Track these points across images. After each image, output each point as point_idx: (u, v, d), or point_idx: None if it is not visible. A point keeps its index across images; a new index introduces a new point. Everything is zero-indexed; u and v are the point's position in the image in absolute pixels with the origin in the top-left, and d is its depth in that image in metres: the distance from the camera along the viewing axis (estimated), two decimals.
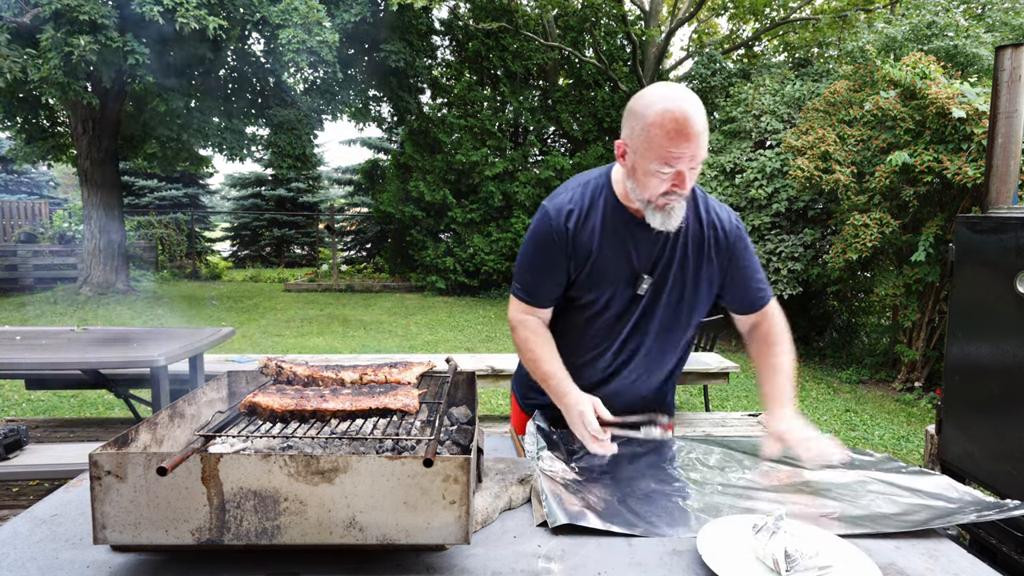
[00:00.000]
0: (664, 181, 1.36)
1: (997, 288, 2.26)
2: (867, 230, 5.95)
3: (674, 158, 1.32)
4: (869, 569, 1.00)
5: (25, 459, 2.79)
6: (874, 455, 1.54)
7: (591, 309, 1.55)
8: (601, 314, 1.55)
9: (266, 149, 13.20)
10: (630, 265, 1.50)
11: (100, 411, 5.21)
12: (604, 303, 1.53)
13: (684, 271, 1.53)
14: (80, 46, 7.89)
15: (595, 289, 1.52)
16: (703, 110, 1.35)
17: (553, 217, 1.51)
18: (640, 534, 1.14)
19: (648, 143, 1.33)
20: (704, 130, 1.33)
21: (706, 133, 1.34)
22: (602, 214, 1.50)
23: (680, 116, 1.29)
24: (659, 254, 1.51)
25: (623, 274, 1.51)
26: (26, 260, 12.42)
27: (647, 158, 1.35)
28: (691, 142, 1.31)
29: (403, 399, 1.20)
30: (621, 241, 1.49)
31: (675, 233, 1.49)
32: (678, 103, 1.30)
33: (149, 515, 0.92)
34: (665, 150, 1.31)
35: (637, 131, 1.35)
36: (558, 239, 1.50)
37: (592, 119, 14.60)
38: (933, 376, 6.49)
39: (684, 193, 1.38)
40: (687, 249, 1.53)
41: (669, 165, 1.33)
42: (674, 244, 1.51)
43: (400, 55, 11.89)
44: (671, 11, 14.14)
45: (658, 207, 1.40)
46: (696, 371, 4.26)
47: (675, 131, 1.29)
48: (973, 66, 6.77)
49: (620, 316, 1.55)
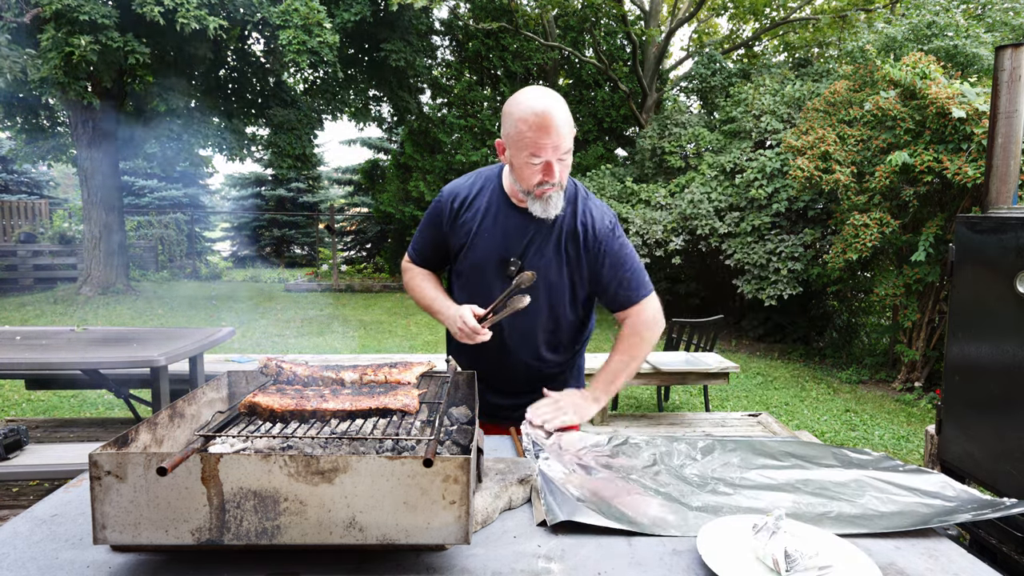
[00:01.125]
0: (536, 171, 1.56)
1: (997, 288, 2.26)
2: (867, 230, 5.95)
3: (540, 148, 1.52)
4: (869, 569, 1.00)
5: (25, 459, 2.79)
6: (872, 454, 1.54)
7: (472, 282, 1.77)
8: (479, 287, 1.75)
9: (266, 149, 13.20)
10: (503, 248, 1.70)
11: (100, 411, 5.21)
12: (480, 278, 1.74)
13: (551, 261, 1.70)
14: (81, 46, 7.89)
15: (474, 265, 1.74)
16: (565, 108, 1.55)
17: (444, 198, 1.79)
18: (640, 532, 1.14)
19: (518, 138, 1.54)
20: (565, 124, 1.52)
21: (568, 127, 1.53)
22: (487, 201, 1.73)
23: (541, 111, 1.49)
24: (529, 242, 1.69)
25: (496, 255, 1.71)
26: (26, 260, 12.42)
27: (519, 151, 1.55)
28: (551, 134, 1.50)
29: (403, 399, 1.20)
30: (499, 226, 1.70)
31: (549, 226, 1.68)
32: (540, 100, 1.51)
33: (149, 515, 0.92)
34: (532, 142, 1.52)
35: (509, 128, 1.56)
36: (442, 215, 1.78)
37: (592, 119, 14.60)
38: (933, 376, 6.49)
39: (555, 182, 1.57)
40: (559, 242, 1.70)
41: (537, 156, 1.53)
42: (546, 235, 1.69)
43: (400, 55, 11.90)
44: (671, 11, 14.14)
45: (537, 196, 1.60)
46: (696, 371, 4.26)
47: (537, 125, 1.50)
48: (973, 66, 6.76)
49: (494, 283, 1.74)
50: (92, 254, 11.05)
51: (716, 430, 4.27)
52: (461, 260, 1.78)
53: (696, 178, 9.32)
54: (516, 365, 1.82)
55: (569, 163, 1.60)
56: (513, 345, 1.79)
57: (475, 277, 1.76)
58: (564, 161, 1.57)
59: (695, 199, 8.81)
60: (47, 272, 12.50)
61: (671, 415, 4.75)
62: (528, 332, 1.78)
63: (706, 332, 5.30)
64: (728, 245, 8.50)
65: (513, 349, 1.79)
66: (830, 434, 5.13)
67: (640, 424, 4.50)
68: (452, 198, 1.77)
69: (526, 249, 1.70)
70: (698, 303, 10.75)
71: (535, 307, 1.69)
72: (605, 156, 13.70)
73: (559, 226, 1.70)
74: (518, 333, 1.77)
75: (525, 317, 1.69)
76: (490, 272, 1.73)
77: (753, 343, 9.17)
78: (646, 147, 10.76)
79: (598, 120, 14.58)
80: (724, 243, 8.59)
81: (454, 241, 1.78)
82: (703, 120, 10.98)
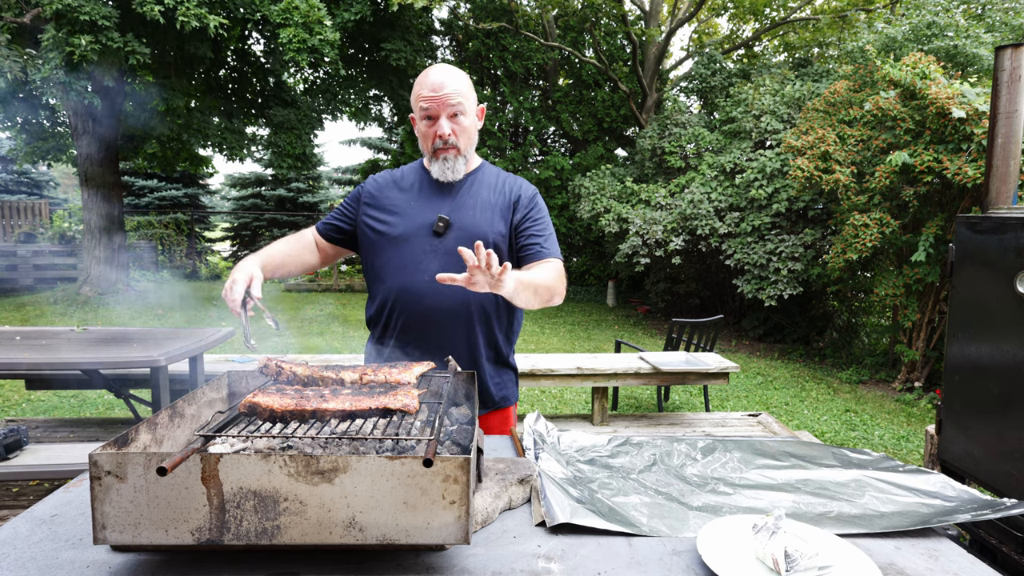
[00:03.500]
0: (430, 132, 1.68)
1: (997, 288, 2.26)
2: (867, 230, 5.96)
3: (431, 107, 1.65)
4: (869, 569, 1.00)
5: (25, 459, 2.80)
6: (872, 454, 1.54)
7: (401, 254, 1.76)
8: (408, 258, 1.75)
9: (266, 149, 13.20)
10: (429, 212, 1.75)
11: (100, 411, 5.21)
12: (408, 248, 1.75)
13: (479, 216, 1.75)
14: (81, 46, 7.89)
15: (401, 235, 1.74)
16: (461, 77, 1.69)
17: (367, 181, 1.89)
18: (640, 533, 1.14)
19: (415, 101, 1.69)
20: (455, 86, 1.65)
21: (459, 90, 1.66)
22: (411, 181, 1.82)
23: (434, 75, 1.65)
24: (455, 202, 1.76)
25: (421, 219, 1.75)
26: (26, 260, 12.42)
27: (417, 115, 1.71)
28: (439, 93, 1.64)
29: (403, 399, 1.20)
30: (424, 196, 1.78)
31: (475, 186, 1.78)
32: (437, 68, 1.67)
33: (149, 515, 0.92)
34: (422, 99, 1.66)
35: (412, 98, 1.71)
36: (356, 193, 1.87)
37: (592, 119, 14.60)
38: (933, 376, 6.49)
39: (449, 142, 1.68)
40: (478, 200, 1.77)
41: (428, 117, 1.67)
42: (473, 194, 1.78)
43: (401, 54, 11.90)
44: (671, 11, 14.14)
45: (435, 158, 1.72)
46: (696, 371, 4.26)
47: (429, 86, 1.65)
48: (973, 66, 6.77)
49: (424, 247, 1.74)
50: (92, 254, 11.05)
51: (716, 430, 4.28)
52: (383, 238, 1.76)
53: (696, 178, 9.32)
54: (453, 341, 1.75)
55: (468, 129, 1.71)
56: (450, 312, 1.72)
57: (400, 248, 1.74)
58: (457, 120, 1.68)
59: (695, 199, 8.81)
60: (47, 272, 12.50)
61: (671, 415, 4.76)
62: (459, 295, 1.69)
63: (706, 332, 5.30)
64: (728, 245, 8.50)
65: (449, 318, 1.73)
66: (830, 434, 5.13)
67: (640, 424, 4.50)
68: (371, 181, 1.88)
69: (456, 208, 1.75)
70: (698, 303, 10.75)
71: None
72: (605, 156, 13.70)
73: (488, 181, 1.81)
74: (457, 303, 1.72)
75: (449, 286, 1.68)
76: (418, 237, 1.73)
77: (753, 343, 9.17)
78: (646, 147, 10.76)
79: (598, 120, 14.58)
80: (724, 243, 8.59)
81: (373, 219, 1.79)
82: (703, 120, 10.98)
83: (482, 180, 1.81)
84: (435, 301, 1.69)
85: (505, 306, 1.81)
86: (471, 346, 1.77)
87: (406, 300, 1.72)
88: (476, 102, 1.75)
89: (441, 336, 1.73)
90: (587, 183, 10.79)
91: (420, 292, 1.69)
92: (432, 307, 1.70)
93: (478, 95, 11.26)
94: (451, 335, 1.73)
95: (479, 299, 1.73)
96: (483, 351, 1.79)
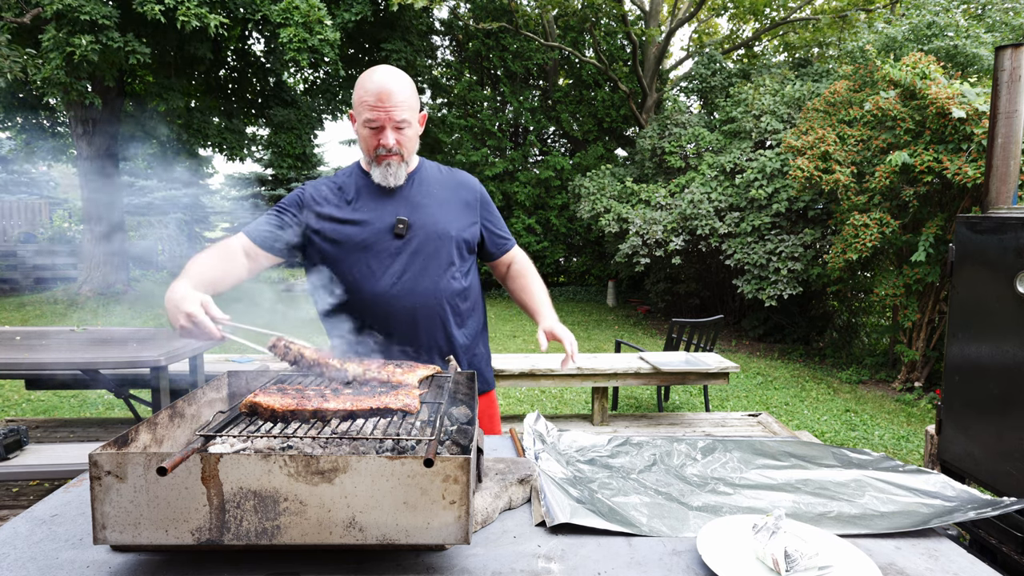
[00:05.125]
0: (373, 136, 1.64)
1: (997, 288, 2.26)
2: (867, 230, 5.95)
3: (375, 113, 1.61)
4: (869, 569, 1.00)
5: (25, 459, 2.80)
6: (872, 454, 1.54)
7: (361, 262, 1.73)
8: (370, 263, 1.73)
9: (266, 149, 13.20)
10: (386, 215, 1.73)
11: (100, 411, 5.21)
12: (369, 253, 1.72)
13: (433, 215, 1.77)
14: (82, 46, 7.89)
15: (360, 242, 1.71)
16: (407, 83, 1.66)
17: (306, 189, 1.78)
18: (640, 533, 1.14)
19: (359, 103, 1.64)
20: (401, 94, 1.62)
21: (405, 99, 1.63)
22: (352, 188, 1.76)
23: (379, 79, 1.61)
24: (406, 207, 1.75)
25: (380, 224, 1.72)
26: (26, 260, 12.41)
27: (359, 117, 1.65)
28: (385, 100, 1.60)
29: (404, 399, 1.20)
30: (372, 200, 1.74)
31: (427, 187, 1.79)
32: (382, 71, 1.63)
33: (149, 515, 0.92)
34: (369, 107, 1.61)
35: (355, 98, 1.66)
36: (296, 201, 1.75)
37: (592, 119, 14.59)
38: (933, 376, 6.49)
39: (392, 148, 1.65)
40: (435, 199, 1.79)
41: (373, 121, 1.62)
42: (427, 194, 1.78)
43: (401, 54, 11.90)
44: (671, 11, 14.13)
45: (377, 163, 1.68)
46: (696, 371, 4.26)
47: (375, 92, 1.60)
48: (973, 66, 6.76)
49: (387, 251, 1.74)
50: (92, 254, 11.05)
51: (716, 430, 4.28)
52: (342, 247, 1.72)
53: (696, 178, 9.32)
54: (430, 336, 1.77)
55: (410, 138, 1.69)
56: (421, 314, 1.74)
57: (363, 255, 1.71)
58: (402, 132, 1.66)
59: (695, 199, 8.81)
60: (47, 272, 12.50)
61: (671, 415, 4.76)
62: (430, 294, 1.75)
63: (706, 332, 5.30)
64: (728, 245, 8.50)
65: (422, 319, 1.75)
66: (830, 434, 5.13)
67: (640, 424, 4.50)
68: (310, 189, 1.78)
69: (414, 208, 1.75)
70: (698, 303, 10.75)
71: (435, 263, 1.74)
72: (605, 156, 13.69)
73: (444, 179, 1.83)
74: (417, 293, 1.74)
75: (425, 276, 1.73)
76: (380, 242, 1.71)
77: (753, 343, 9.17)
78: (646, 147, 10.76)
79: (598, 120, 14.57)
80: (724, 243, 8.59)
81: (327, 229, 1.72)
82: (703, 120, 10.98)
83: (428, 178, 1.81)
84: (409, 301, 1.72)
85: (471, 297, 1.88)
86: (448, 337, 1.81)
87: (380, 304, 1.71)
88: (419, 108, 1.74)
89: (418, 333, 1.76)
90: (587, 183, 10.79)
91: (392, 295, 1.71)
92: (406, 307, 1.72)
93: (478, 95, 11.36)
94: (428, 331, 1.77)
95: (448, 293, 1.78)
96: (458, 340, 1.83)
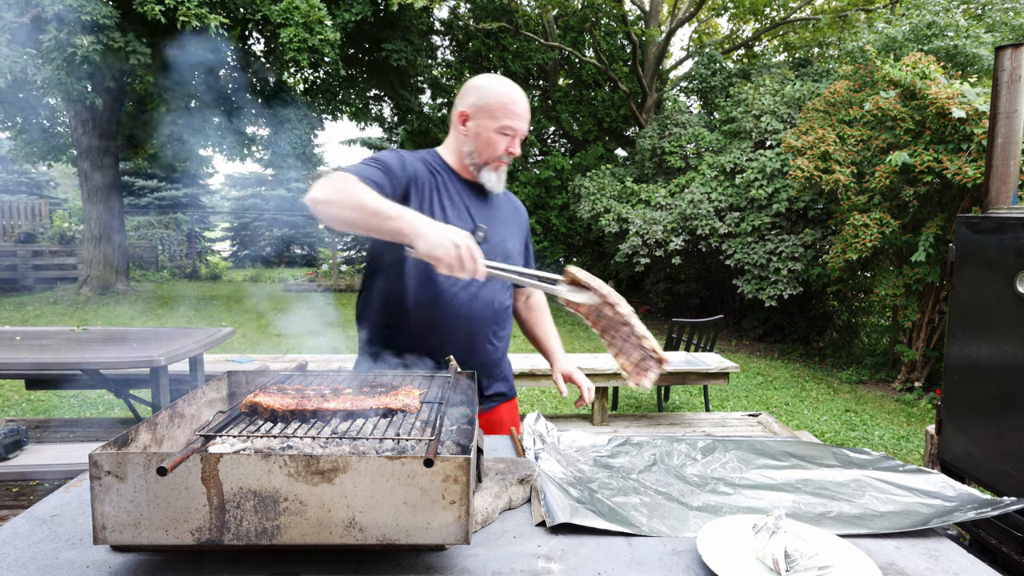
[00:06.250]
0: (503, 143, 1.67)
1: (997, 288, 2.26)
2: (867, 230, 5.95)
3: (515, 127, 1.66)
4: (869, 569, 1.00)
5: (25, 459, 2.80)
6: (872, 454, 1.54)
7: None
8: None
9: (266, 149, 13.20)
10: (471, 219, 1.72)
11: (100, 411, 5.21)
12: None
13: (508, 231, 1.83)
14: (83, 47, 7.90)
15: None
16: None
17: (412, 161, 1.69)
18: (640, 533, 1.14)
19: (498, 107, 1.65)
20: (528, 115, 1.71)
21: (529, 117, 1.72)
22: (439, 179, 1.72)
23: (520, 92, 1.70)
24: (488, 214, 1.77)
25: (463, 224, 1.69)
26: (26, 260, 12.41)
27: (493, 120, 1.66)
28: (525, 113, 1.68)
29: (403, 399, 1.20)
30: (460, 198, 1.73)
31: (500, 198, 1.83)
32: (512, 83, 1.71)
33: (149, 515, 0.92)
34: (512, 114, 1.66)
35: (488, 99, 1.66)
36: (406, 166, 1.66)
37: (592, 119, 14.59)
38: (933, 376, 6.49)
39: (515, 155, 1.70)
40: (510, 212, 1.87)
41: (509, 130, 1.66)
42: (499, 206, 1.83)
43: (401, 54, 11.90)
44: (671, 11, 14.13)
45: (494, 168, 1.71)
46: (696, 371, 4.26)
47: (517, 101, 1.66)
48: (973, 66, 6.76)
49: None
50: (92, 254, 11.05)
51: (716, 430, 4.28)
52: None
53: (696, 178, 9.32)
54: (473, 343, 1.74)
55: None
56: (475, 315, 1.72)
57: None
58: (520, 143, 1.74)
59: (695, 199, 8.81)
60: (47, 272, 12.50)
61: (671, 415, 4.75)
62: (488, 303, 1.74)
63: (706, 332, 5.30)
64: (728, 245, 8.50)
65: (474, 320, 1.72)
66: (830, 434, 5.13)
67: (640, 424, 4.50)
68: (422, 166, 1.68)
69: (489, 219, 1.75)
70: (698, 303, 10.75)
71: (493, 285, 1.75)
72: (605, 156, 13.69)
73: (506, 198, 1.87)
74: (480, 303, 1.72)
75: (487, 287, 1.73)
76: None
77: (753, 343, 9.17)
78: (646, 147, 10.76)
79: (598, 120, 14.57)
80: (724, 243, 8.59)
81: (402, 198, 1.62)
82: (703, 120, 10.98)
83: (498, 195, 1.83)
84: (467, 310, 1.70)
85: (511, 314, 1.92)
86: (499, 345, 1.84)
87: (439, 306, 1.67)
88: None
89: (468, 342, 1.73)
90: (587, 183, 10.79)
91: (455, 301, 1.68)
92: (463, 315, 1.70)
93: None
94: (478, 341, 1.77)
95: (500, 308, 1.80)
96: (500, 351, 1.86)
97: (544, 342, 1.99)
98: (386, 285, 1.70)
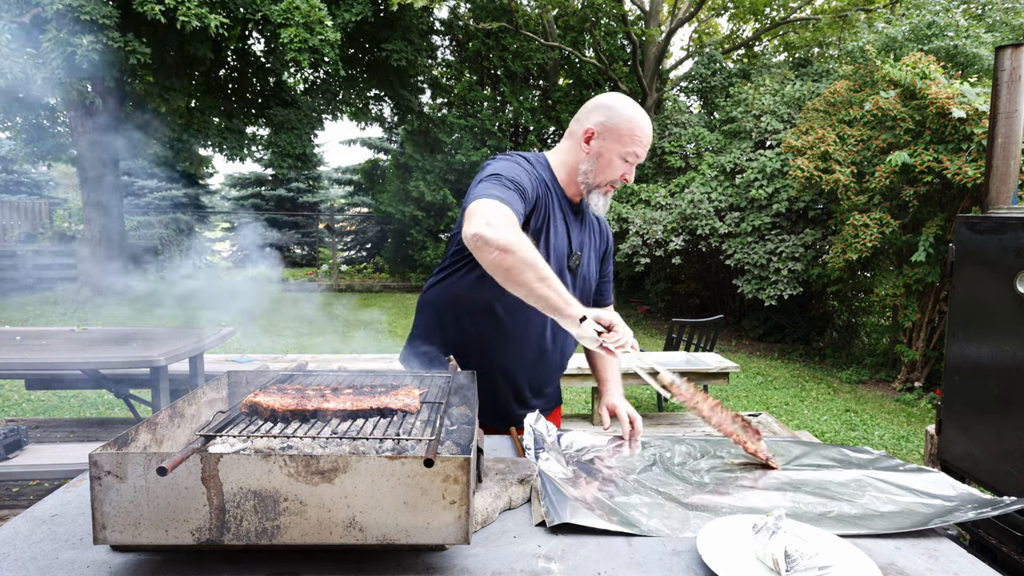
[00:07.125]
0: (622, 169, 1.61)
1: (997, 288, 2.26)
2: (867, 230, 5.95)
3: (639, 154, 1.61)
4: (869, 569, 1.00)
5: (25, 459, 2.79)
6: (872, 453, 1.54)
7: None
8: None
9: (266, 149, 13.20)
10: (568, 241, 1.68)
11: (100, 411, 5.21)
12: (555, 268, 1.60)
13: (591, 256, 1.79)
14: (83, 46, 7.90)
15: (552, 256, 1.63)
16: None
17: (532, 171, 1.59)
18: (640, 533, 1.14)
19: (628, 132, 1.58)
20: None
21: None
22: (554, 193, 1.65)
23: (648, 125, 1.61)
24: (581, 237, 1.73)
25: (563, 248, 1.67)
26: (26, 260, 12.41)
27: (619, 145, 1.59)
28: (647, 146, 1.62)
29: (404, 399, 1.20)
30: (565, 220, 1.68)
31: (590, 224, 1.77)
32: (646, 117, 1.63)
33: (149, 515, 0.92)
34: (639, 141, 1.59)
35: (617, 121, 1.58)
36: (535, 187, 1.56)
37: None
38: (933, 376, 6.49)
39: (628, 183, 1.66)
40: (594, 239, 1.80)
41: (632, 157, 1.60)
42: (589, 231, 1.77)
43: (401, 54, 11.90)
44: (671, 11, 14.13)
45: (604, 192, 1.64)
46: (696, 371, 4.26)
47: (647, 130, 1.60)
48: (973, 66, 6.77)
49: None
50: (92, 254, 11.05)
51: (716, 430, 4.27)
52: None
53: (696, 178, 9.32)
54: (549, 365, 1.79)
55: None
56: (552, 344, 1.75)
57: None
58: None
59: (695, 199, 8.81)
60: (47, 272, 12.50)
61: (671, 415, 4.75)
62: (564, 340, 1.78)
63: (706, 332, 5.30)
64: (728, 245, 8.50)
65: (550, 348, 1.76)
66: (830, 434, 5.13)
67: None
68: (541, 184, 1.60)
69: (581, 244, 1.72)
70: (698, 303, 10.75)
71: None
72: None
73: (595, 227, 1.81)
74: (561, 332, 1.73)
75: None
76: (560, 264, 1.66)
77: (753, 343, 9.17)
78: None
79: None
80: (724, 243, 8.59)
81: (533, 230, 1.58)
82: (703, 120, 10.99)
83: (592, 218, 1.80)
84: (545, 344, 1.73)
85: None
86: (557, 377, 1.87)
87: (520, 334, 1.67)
88: None
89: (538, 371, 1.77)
90: None
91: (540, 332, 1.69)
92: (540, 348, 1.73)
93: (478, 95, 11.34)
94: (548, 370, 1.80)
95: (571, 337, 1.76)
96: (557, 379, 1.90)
97: (601, 371, 1.93)
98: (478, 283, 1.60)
